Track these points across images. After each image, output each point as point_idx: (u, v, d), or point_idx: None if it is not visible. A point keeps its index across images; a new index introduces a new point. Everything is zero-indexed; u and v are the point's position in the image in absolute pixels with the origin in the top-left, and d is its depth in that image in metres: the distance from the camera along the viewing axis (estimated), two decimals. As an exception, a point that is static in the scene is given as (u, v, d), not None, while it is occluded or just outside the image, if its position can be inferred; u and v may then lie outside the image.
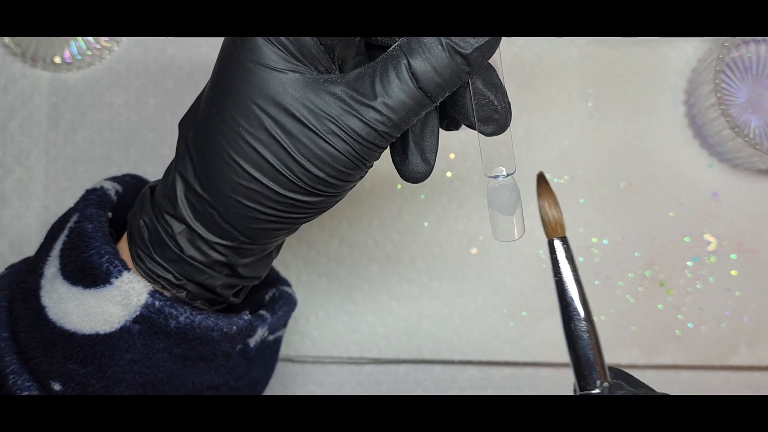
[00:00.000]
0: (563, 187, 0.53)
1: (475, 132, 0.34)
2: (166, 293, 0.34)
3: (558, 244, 0.41)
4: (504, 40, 0.54)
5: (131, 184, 0.40)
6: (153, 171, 0.54)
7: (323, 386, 0.53)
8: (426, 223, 0.53)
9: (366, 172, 0.33)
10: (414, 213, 0.53)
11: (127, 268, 0.34)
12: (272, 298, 0.42)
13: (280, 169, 0.31)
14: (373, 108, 0.30)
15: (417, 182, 0.36)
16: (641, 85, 0.54)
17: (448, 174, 0.54)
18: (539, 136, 0.53)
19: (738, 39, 0.50)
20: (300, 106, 0.30)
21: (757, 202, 0.53)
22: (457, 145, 0.53)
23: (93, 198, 0.37)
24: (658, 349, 0.52)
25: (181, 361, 0.35)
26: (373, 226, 0.53)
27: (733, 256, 0.52)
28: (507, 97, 0.33)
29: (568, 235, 0.53)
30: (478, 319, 0.52)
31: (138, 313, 0.33)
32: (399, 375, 0.53)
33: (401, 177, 0.35)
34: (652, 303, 0.52)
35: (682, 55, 0.54)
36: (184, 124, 0.34)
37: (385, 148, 0.32)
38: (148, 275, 0.34)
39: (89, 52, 0.55)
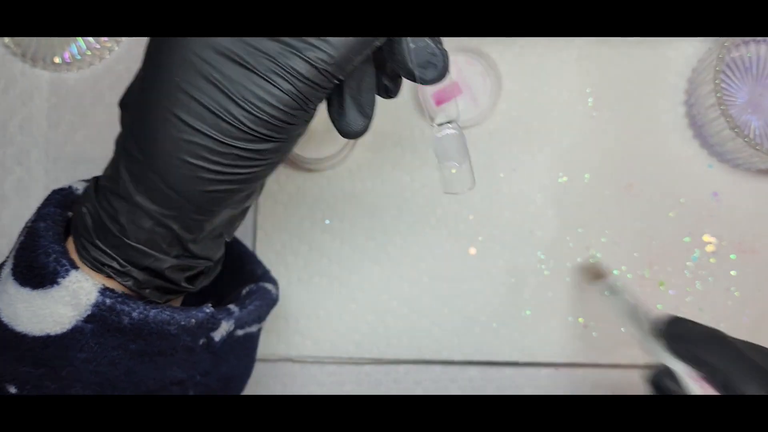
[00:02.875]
0: (563, 187, 0.53)
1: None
2: (117, 290, 0.33)
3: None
4: (504, 40, 0.54)
5: None
6: (153, 171, 0.54)
7: (323, 386, 0.54)
8: (426, 224, 0.53)
9: (312, 116, 0.32)
10: (414, 213, 0.53)
11: (76, 267, 0.33)
12: (247, 293, 0.41)
13: (222, 115, 0.30)
14: (313, 45, 0.29)
15: (356, 137, 0.35)
16: (641, 86, 0.54)
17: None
18: (539, 136, 0.53)
19: (738, 39, 0.50)
20: (237, 48, 0.29)
21: (757, 202, 0.53)
22: (457, 146, 0.53)
23: (56, 197, 0.36)
24: (658, 349, 0.52)
25: (138, 357, 0.34)
26: (374, 226, 0.53)
27: (733, 257, 0.52)
28: (442, 43, 0.33)
29: (568, 234, 0.53)
30: (478, 319, 0.52)
31: (89, 312, 0.32)
32: (399, 375, 0.53)
33: (340, 133, 0.35)
34: (652, 303, 0.52)
35: (682, 55, 0.54)
36: (123, 100, 0.33)
37: (329, 89, 0.31)
38: (93, 265, 0.33)
39: (89, 52, 0.55)
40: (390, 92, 0.37)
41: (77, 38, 0.55)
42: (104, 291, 0.33)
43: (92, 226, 0.33)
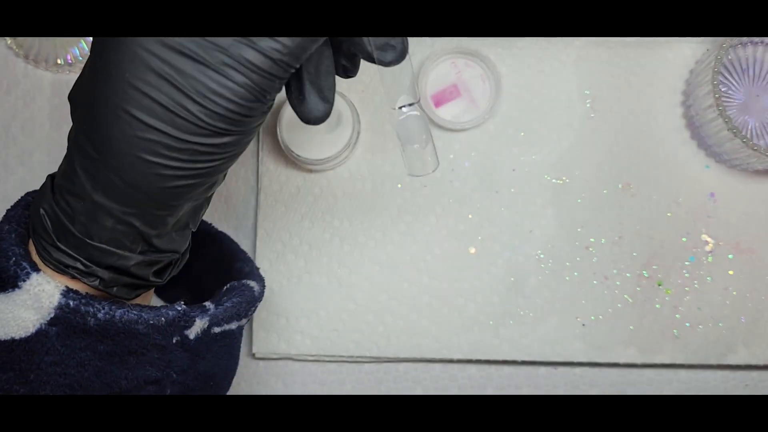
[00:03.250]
0: (562, 187, 0.53)
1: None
2: (81, 291, 0.33)
3: None
4: (503, 41, 0.54)
5: None
6: (155, 171, 0.55)
7: (323, 385, 0.54)
8: (426, 224, 0.54)
9: (269, 107, 0.32)
10: (414, 213, 0.54)
11: (37, 270, 0.32)
12: (226, 290, 0.40)
13: (176, 111, 0.29)
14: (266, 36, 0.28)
15: (318, 122, 0.34)
16: (639, 87, 0.54)
17: (450, 172, 0.54)
18: (538, 136, 0.54)
19: (736, 40, 0.51)
20: (187, 41, 0.28)
21: (755, 202, 0.53)
22: (457, 147, 0.53)
23: (27, 199, 0.35)
24: (656, 348, 0.52)
25: (107, 358, 0.33)
26: (374, 226, 0.54)
27: (731, 256, 0.53)
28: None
29: (567, 234, 0.53)
30: (477, 319, 0.53)
31: (52, 315, 0.32)
32: (399, 374, 0.54)
33: (301, 119, 0.34)
34: (650, 302, 0.52)
35: (680, 56, 0.54)
36: (72, 94, 0.32)
37: (285, 79, 0.30)
38: (56, 267, 0.33)
39: (91, 54, 0.55)
40: (349, 72, 0.36)
41: (79, 39, 0.55)
42: (67, 293, 0.32)
43: (51, 227, 0.33)
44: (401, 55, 0.33)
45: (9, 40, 0.55)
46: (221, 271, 0.45)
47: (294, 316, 0.53)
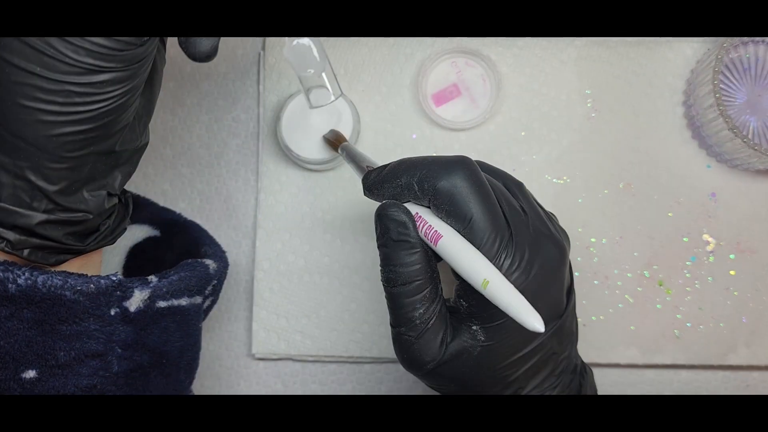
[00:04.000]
0: (562, 187, 0.53)
1: None
2: (1, 257, 0.32)
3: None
4: (504, 41, 0.54)
5: None
6: (154, 171, 0.55)
7: (324, 385, 0.54)
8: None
9: (152, 47, 0.31)
10: (414, 213, 0.54)
11: None
12: (177, 267, 0.40)
13: (44, 50, 0.29)
14: None
15: (207, 59, 0.34)
16: (640, 86, 0.54)
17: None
18: (539, 136, 0.54)
19: (737, 40, 0.51)
20: None
21: (756, 202, 0.53)
22: (457, 147, 0.53)
23: None
24: (657, 348, 0.52)
25: (36, 326, 0.33)
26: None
27: (732, 256, 0.53)
28: None
29: (570, 234, 0.53)
30: (477, 319, 0.53)
31: None
32: (399, 374, 0.54)
33: (189, 57, 0.34)
34: (651, 303, 0.52)
35: (680, 56, 0.54)
36: None
37: None
38: None
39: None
40: None
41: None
42: None
43: None
44: None
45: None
46: (189, 257, 0.45)
47: (294, 316, 0.53)
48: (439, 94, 0.53)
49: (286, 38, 0.37)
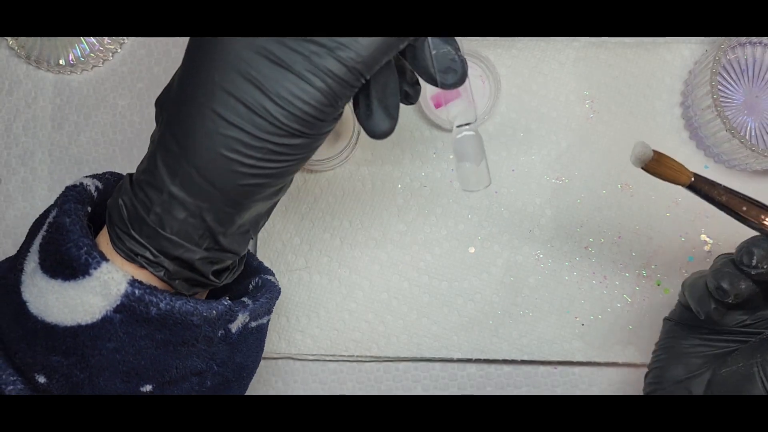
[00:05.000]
0: (562, 187, 0.54)
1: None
2: (145, 282, 0.35)
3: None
4: (503, 41, 0.54)
5: (111, 181, 0.40)
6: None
7: (324, 384, 0.54)
8: (426, 223, 0.54)
9: (339, 115, 0.34)
10: (414, 213, 0.54)
11: (106, 259, 0.34)
12: (255, 287, 0.43)
13: (257, 111, 0.32)
14: (344, 45, 0.31)
15: (383, 137, 0.37)
16: (638, 87, 0.54)
17: (450, 173, 0.54)
18: (538, 137, 0.54)
19: (734, 41, 0.51)
20: (274, 48, 0.31)
21: (753, 202, 0.53)
22: (456, 146, 0.54)
23: (72, 194, 0.37)
24: (655, 347, 0.52)
25: (163, 347, 0.35)
26: (374, 226, 0.54)
27: (729, 256, 0.53)
28: (461, 51, 0.36)
29: (567, 234, 0.53)
30: (476, 318, 0.53)
31: (118, 302, 0.34)
32: (398, 373, 0.54)
33: (368, 134, 0.37)
34: (649, 302, 0.53)
35: (678, 57, 0.54)
36: (160, 99, 0.35)
37: (356, 87, 0.33)
38: (127, 254, 0.35)
39: (93, 54, 0.56)
40: (410, 98, 0.39)
41: (81, 40, 0.56)
42: (133, 282, 0.34)
43: (128, 216, 0.35)
44: (461, 78, 0.36)
45: (11, 40, 0.56)
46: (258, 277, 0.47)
47: (294, 315, 0.53)
48: (438, 95, 0.54)
49: (453, 128, 0.40)
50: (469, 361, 0.53)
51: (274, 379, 0.54)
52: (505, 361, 0.53)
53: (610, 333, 0.53)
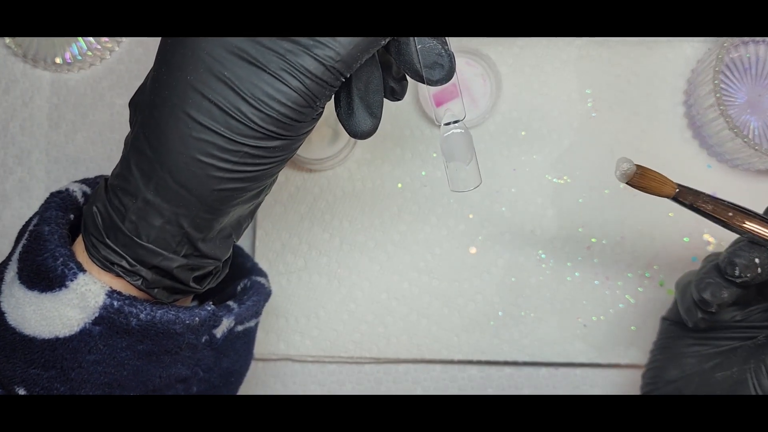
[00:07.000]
0: (563, 187, 0.53)
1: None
2: (124, 292, 0.34)
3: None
4: (504, 40, 0.54)
5: None
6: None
7: (323, 385, 0.54)
8: (426, 223, 0.53)
9: (319, 115, 0.33)
10: (414, 213, 0.53)
11: (83, 270, 0.33)
12: (243, 289, 0.42)
13: (232, 113, 0.30)
14: (322, 43, 0.30)
15: (365, 137, 0.35)
16: (640, 86, 0.54)
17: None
18: (539, 136, 0.54)
19: (737, 39, 0.51)
20: (248, 47, 0.30)
21: (756, 202, 0.52)
22: (457, 146, 0.53)
23: (55, 201, 0.36)
24: (658, 349, 0.52)
25: (145, 357, 0.34)
26: (374, 226, 0.53)
27: (733, 256, 0.52)
28: (448, 46, 0.34)
29: (568, 234, 0.53)
30: (477, 319, 0.53)
31: (97, 314, 0.33)
32: (399, 374, 0.54)
33: (349, 133, 0.35)
34: (652, 303, 0.52)
35: (681, 55, 0.54)
36: (134, 99, 0.34)
37: (335, 87, 0.32)
38: (103, 264, 0.34)
39: (90, 53, 0.55)
40: (396, 94, 0.37)
41: (78, 39, 0.55)
42: (111, 293, 0.33)
43: (102, 224, 0.34)
44: (449, 74, 0.35)
45: (8, 39, 0.55)
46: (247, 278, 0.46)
47: (293, 316, 0.53)
48: (438, 94, 0.53)
49: (440, 126, 0.38)
50: (470, 362, 0.53)
51: (273, 380, 0.54)
52: (506, 363, 0.53)
53: (612, 334, 0.52)
